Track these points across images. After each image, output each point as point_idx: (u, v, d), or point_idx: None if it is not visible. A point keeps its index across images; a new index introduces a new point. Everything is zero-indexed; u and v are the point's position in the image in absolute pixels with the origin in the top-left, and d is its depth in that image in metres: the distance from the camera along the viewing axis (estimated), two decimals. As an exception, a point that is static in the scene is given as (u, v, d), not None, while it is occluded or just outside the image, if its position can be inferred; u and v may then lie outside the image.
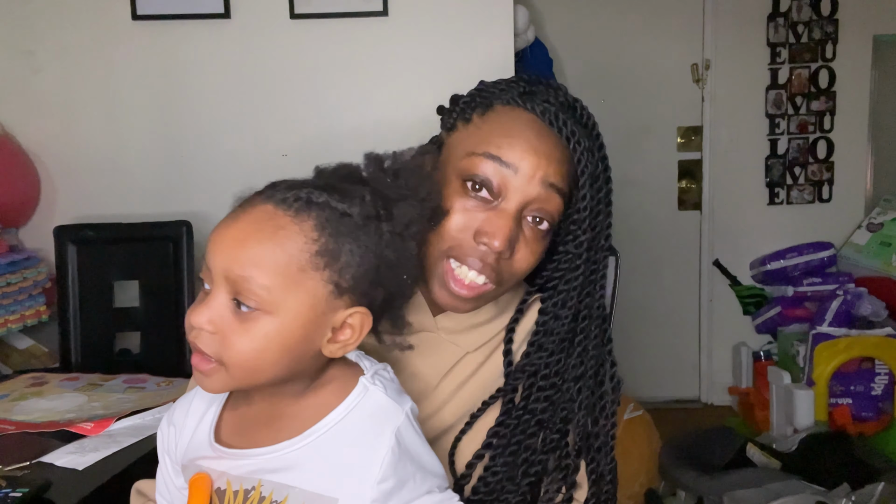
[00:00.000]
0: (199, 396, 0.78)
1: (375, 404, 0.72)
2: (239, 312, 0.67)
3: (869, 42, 3.35)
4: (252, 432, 0.73)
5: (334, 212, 0.70)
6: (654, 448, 2.44)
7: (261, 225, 0.68)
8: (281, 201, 0.69)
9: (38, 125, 2.07)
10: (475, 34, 2.07)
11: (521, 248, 0.85)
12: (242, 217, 0.69)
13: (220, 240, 0.69)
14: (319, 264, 0.69)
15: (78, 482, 1.08)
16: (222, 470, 0.72)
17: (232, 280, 0.67)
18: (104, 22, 2.05)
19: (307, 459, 0.70)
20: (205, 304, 0.68)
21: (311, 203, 0.69)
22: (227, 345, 0.68)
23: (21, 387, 1.52)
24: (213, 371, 0.69)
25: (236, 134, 2.11)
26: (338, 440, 0.70)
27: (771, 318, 3.28)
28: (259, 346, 0.68)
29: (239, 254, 0.67)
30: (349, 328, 0.72)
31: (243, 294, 0.67)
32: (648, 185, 3.48)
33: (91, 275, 1.85)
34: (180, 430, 0.78)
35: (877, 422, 2.80)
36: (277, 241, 0.67)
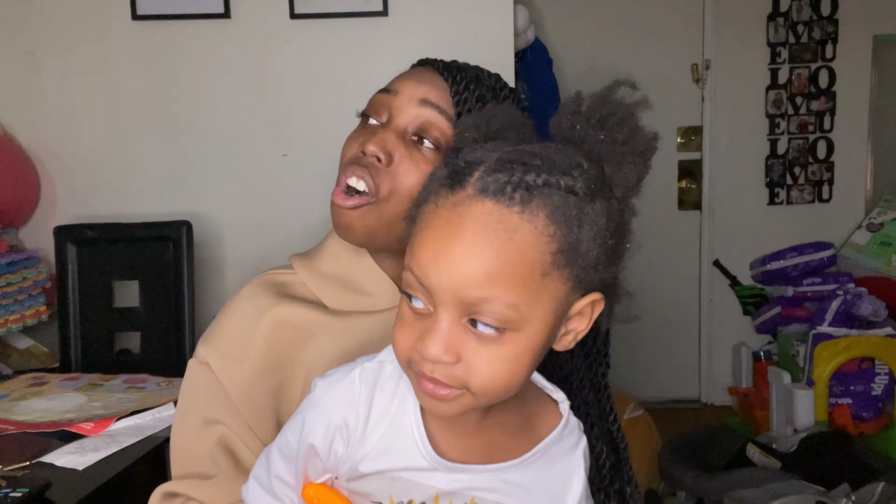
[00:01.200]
0: (375, 396, 0.66)
1: (574, 426, 0.70)
2: (479, 334, 0.58)
3: (869, 42, 3.35)
4: (462, 444, 0.66)
5: (560, 193, 0.58)
6: (654, 448, 2.44)
7: (491, 231, 0.56)
8: (498, 194, 0.56)
9: (38, 125, 2.07)
10: (475, 34, 2.07)
11: (403, 159, 0.85)
12: (461, 224, 0.57)
13: (444, 256, 0.57)
14: (561, 263, 0.58)
15: (78, 482, 1.08)
16: (432, 484, 0.64)
17: (468, 302, 0.56)
18: (104, 22, 2.05)
19: (525, 480, 0.65)
20: (435, 333, 0.57)
21: (532, 188, 0.57)
22: (474, 372, 0.58)
23: (21, 387, 1.52)
24: (455, 397, 0.59)
25: (236, 134, 2.11)
26: (549, 460, 0.67)
27: (771, 318, 3.28)
28: (511, 367, 0.59)
29: (474, 272, 0.56)
30: (580, 316, 0.63)
31: (484, 315, 0.57)
32: (648, 185, 3.44)
33: (91, 275, 1.85)
34: (359, 433, 0.65)
35: (877, 422, 2.80)
36: (515, 249, 0.56)
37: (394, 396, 0.66)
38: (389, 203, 0.85)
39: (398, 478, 0.64)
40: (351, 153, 0.87)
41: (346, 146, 0.89)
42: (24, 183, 2.02)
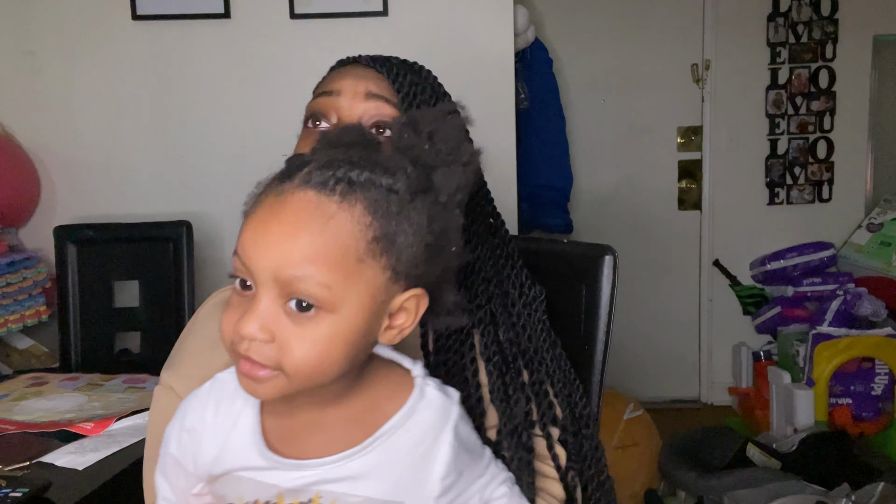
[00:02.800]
0: (222, 400, 0.70)
1: (432, 402, 0.70)
2: (294, 314, 0.61)
3: (869, 42, 3.35)
4: (302, 440, 0.67)
5: (381, 190, 0.63)
6: (654, 448, 2.44)
7: (308, 215, 0.61)
8: (321, 185, 0.62)
9: (38, 125, 2.07)
10: (475, 34, 2.07)
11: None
12: (282, 209, 0.62)
13: (263, 237, 0.62)
14: (377, 251, 0.62)
15: (78, 482, 1.08)
16: (273, 483, 0.66)
17: (284, 281, 0.60)
18: (104, 22, 2.06)
19: (371, 466, 0.66)
20: (252, 312, 0.61)
21: (353, 184, 0.62)
22: (286, 351, 0.61)
23: (21, 387, 1.52)
24: (269, 378, 0.62)
25: (236, 134, 2.11)
26: (401, 444, 0.67)
27: (771, 318, 3.28)
28: (323, 348, 0.62)
29: (290, 251, 0.60)
30: (404, 312, 0.67)
31: (300, 294, 0.61)
32: (648, 185, 3.48)
33: (91, 275, 1.85)
34: (201, 437, 0.69)
35: (877, 422, 2.79)
36: (330, 232, 0.61)
37: (236, 400, 0.69)
38: None
39: (242, 478, 0.66)
40: None
41: (301, 150, 0.89)
42: (24, 183, 2.02)
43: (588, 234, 3.25)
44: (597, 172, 3.40)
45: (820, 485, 2.10)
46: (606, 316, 1.10)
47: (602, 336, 1.10)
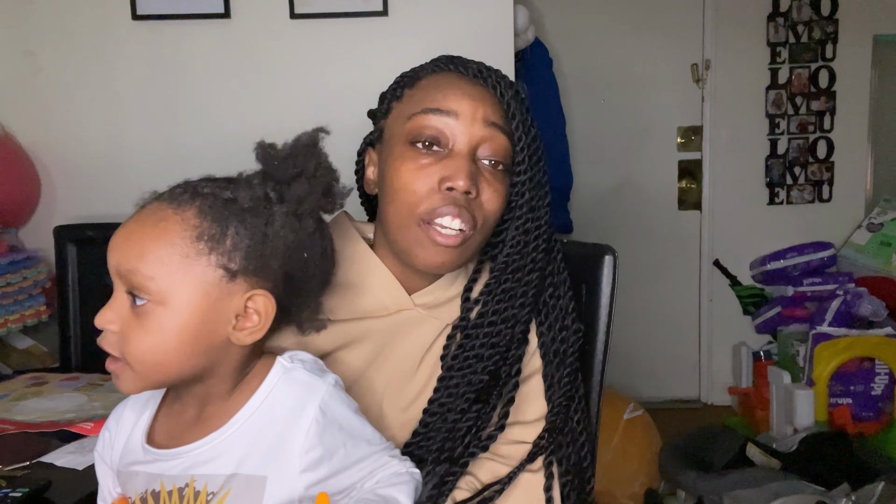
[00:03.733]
0: (132, 402, 0.79)
1: (296, 381, 0.74)
2: (136, 308, 0.69)
3: (869, 42, 3.35)
4: (184, 433, 0.74)
5: (217, 198, 0.72)
6: (654, 448, 2.44)
7: (146, 220, 0.71)
8: (168, 197, 0.72)
9: (38, 125, 2.07)
10: (475, 34, 2.07)
11: (485, 187, 0.87)
12: (134, 216, 0.73)
13: (113, 239, 0.72)
14: (203, 249, 0.69)
15: (78, 482, 1.08)
16: (157, 472, 0.72)
17: (123, 276, 0.70)
18: (104, 22, 2.05)
19: (235, 445, 0.71)
20: (108, 304, 0.70)
21: (196, 194, 0.72)
22: (126, 341, 0.69)
23: (21, 387, 1.52)
24: (121, 370, 0.71)
25: (236, 134, 2.11)
26: (262, 420, 0.72)
27: (771, 318, 3.28)
28: (156, 338, 0.69)
29: (126, 249, 0.70)
30: (255, 313, 0.72)
31: (135, 288, 0.69)
32: (648, 185, 3.48)
33: (91, 275, 1.85)
34: (114, 436, 0.78)
35: (877, 422, 2.80)
36: (158, 232, 0.70)
37: (146, 404, 0.78)
38: (481, 231, 0.89)
39: (137, 472, 0.74)
40: (428, 188, 0.85)
41: (414, 179, 0.85)
42: (24, 183, 2.02)
43: (588, 234, 3.25)
44: (597, 172, 3.40)
45: (820, 485, 2.10)
46: (606, 316, 1.10)
47: (602, 336, 1.11)
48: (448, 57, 0.95)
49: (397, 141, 0.89)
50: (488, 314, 0.91)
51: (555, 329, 0.95)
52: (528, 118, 0.92)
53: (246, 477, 0.70)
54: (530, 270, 0.92)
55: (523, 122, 0.90)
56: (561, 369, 0.94)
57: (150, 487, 0.72)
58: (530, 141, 0.91)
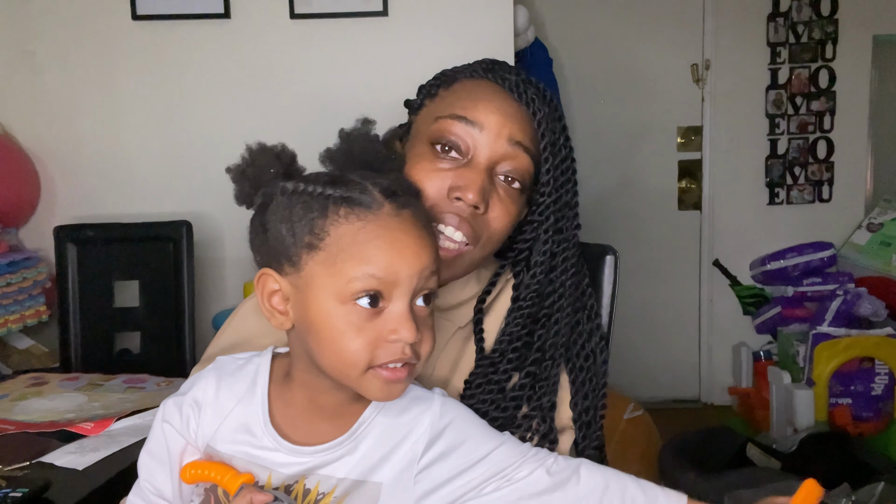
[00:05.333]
0: (222, 379, 0.75)
1: (408, 394, 0.74)
2: (422, 310, 0.70)
3: (869, 42, 3.35)
4: (299, 427, 0.73)
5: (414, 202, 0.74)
6: (654, 448, 2.44)
7: (412, 232, 0.70)
8: (405, 205, 0.71)
9: (39, 125, 2.07)
10: (475, 34, 2.07)
11: (496, 204, 0.86)
12: (404, 225, 0.70)
13: (405, 250, 0.69)
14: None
15: (78, 482, 1.08)
16: (276, 461, 0.72)
17: (423, 280, 0.69)
18: (104, 22, 2.06)
19: (354, 451, 0.72)
20: (405, 318, 0.68)
21: (407, 204, 0.72)
22: (425, 343, 0.71)
23: (21, 387, 1.52)
24: (410, 374, 0.70)
25: (236, 134, 2.10)
26: (377, 429, 0.73)
27: (771, 318, 3.27)
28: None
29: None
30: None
31: (430, 291, 0.71)
32: (648, 185, 3.48)
33: (91, 275, 1.85)
34: (204, 411, 0.74)
35: (877, 422, 2.79)
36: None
37: (237, 380, 0.75)
38: (483, 247, 0.87)
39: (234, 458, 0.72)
40: (436, 192, 0.84)
41: (425, 180, 0.85)
42: (24, 183, 2.02)
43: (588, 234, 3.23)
44: (597, 172, 3.40)
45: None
46: (607, 316, 1.10)
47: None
48: (491, 62, 0.93)
49: (421, 139, 0.89)
50: (513, 339, 0.89)
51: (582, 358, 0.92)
52: (560, 138, 0.90)
53: (360, 483, 0.71)
54: (561, 295, 0.90)
55: (553, 143, 0.89)
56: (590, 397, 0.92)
57: (259, 480, 0.71)
58: (559, 162, 0.89)
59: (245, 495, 0.68)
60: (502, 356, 0.89)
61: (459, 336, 0.94)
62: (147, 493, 0.77)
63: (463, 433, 0.74)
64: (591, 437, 0.92)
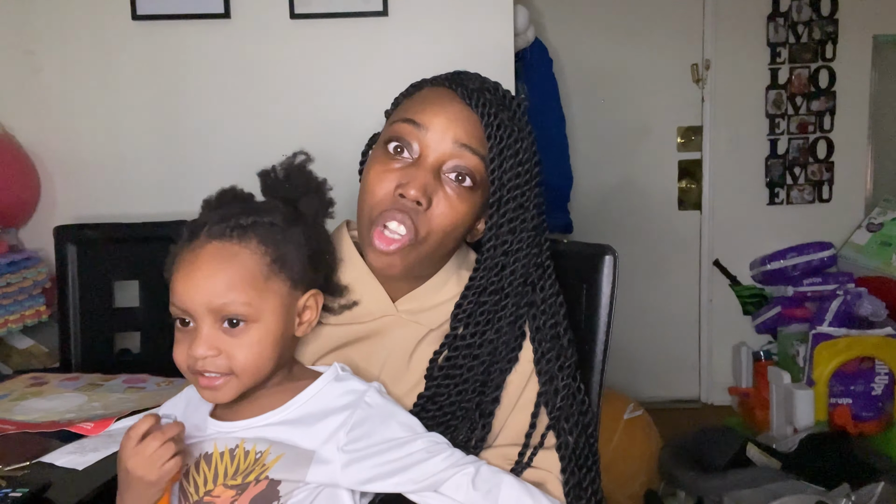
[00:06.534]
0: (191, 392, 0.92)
1: (346, 382, 0.88)
2: (229, 330, 0.82)
3: (869, 42, 3.35)
4: (240, 410, 0.87)
5: (265, 225, 0.85)
6: (654, 448, 2.44)
7: (218, 258, 0.82)
8: (220, 235, 0.83)
9: (38, 125, 2.07)
10: (475, 34, 2.07)
11: (440, 201, 0.90)
12: (197, 260, 0.82)
13: (191, 282, 0.82)
14: (276, 269, 0.84)
15: (78, 482, 1.08)
16: (213, 438, 0.86)
17: (215, 309, 0.81)
18: (104, 22, 2.05)
19: (286, 424, 0.85)
20: (199, 338, 0.81)
21: (244, 227, 0.83)
22: (232, 357, 0.82)
23: (21, 387, 1.52)
24: (225, 383, 0.83)
25: (236, 134, 2.11)
26: (312, 409, 0.85)
27: (771, 318, 3.27)
28: (256, 350, 0.83)
29: (213, 287, 0.81)
30: (309, 309, 0.88)
31: (230, 314, 0.81)
32: (648, 185, 3.48)
33: (91, 275, 1.85)
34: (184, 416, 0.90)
35: (877, 422, 2.79)
36: (238, 264, 0.82)
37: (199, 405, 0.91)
38: (426, 243, 0.91)
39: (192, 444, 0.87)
40: (385, 192, 0.91)
41: (376, 181, 0.91)
42: (24, 183, 2.02)
43: (588, 234, 3.25)
44: (597, 172, 3.40)
45: (820, 485, 2.10)
46: (607, 316, 1.10)
47: (602, 336, 1.11)
48: (458, 72, 1.00)
49: (379, 143, 0.95)
50: (467, 336, 0.94)
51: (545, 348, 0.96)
52: (517, 142, 0.92)
53: (295, 448, 0.83)
54: (507, 294, 0.94)
55: (506, 147, 0.91)
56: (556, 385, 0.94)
57: (203, 451, 0.86)
58: (511, 165, 0.92)
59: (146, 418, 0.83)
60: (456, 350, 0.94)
61: (433, 337, 0.97)
62: None
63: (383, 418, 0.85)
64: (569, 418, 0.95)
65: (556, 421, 0.93)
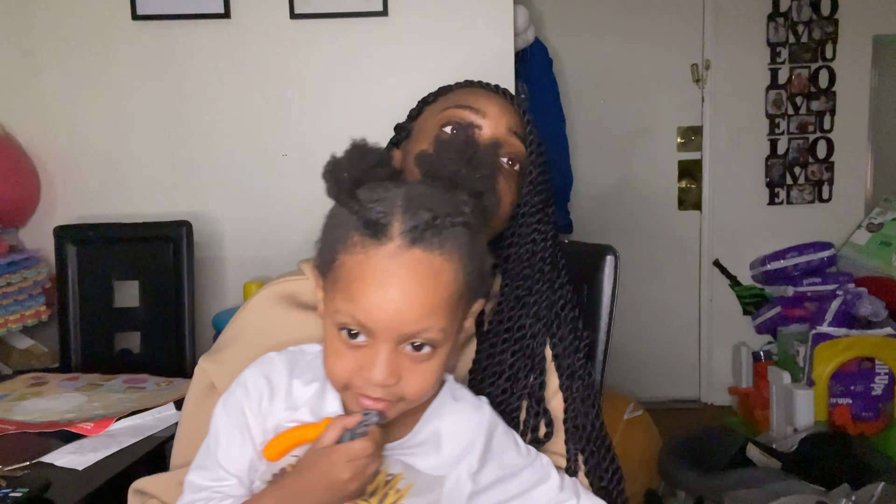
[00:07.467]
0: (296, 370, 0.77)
1: (463, 398, 0.80)
2: (412, 356, 0.70)
3: (869, 42, 3.35)
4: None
5: (463, 231, 0.71)
6: (654, 448, 2.44)
7: (420, 275, 0.68)
8: (421, 240, 0.68)
9: (39, 125, 2.07)
10: (475, 34, 2.07)
11: (500, 179, 0.91)
12: (397, 272, 0.67)
13: (386, 299, 0.67)
14: (471, 285, 0.72)
15: (78, 482, 1.08)
16: None
17: (406, 335, 0.68)
18: (104, 22, 2.06)
19: (414, 447, 0.77)
20: (378, 362, 0.68)
21: (442, 230, 0.69)
22: (409, 386, 0.70)
23: (21, 387, 1.52)
24: (389, 407, 0.71)
25: (236, 134, 2.11)
26: (437, 426, 0.77)
27: (771, 318, 3.27)
28: (433, 377, 0.72)
29: (412, 311, 0.68)
30: (471, 316, 0.77)
31: (421, 340, 0.69)
32: (648, 185, 3.48)
33: (91, 275, 1.85)
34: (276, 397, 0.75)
35: (877, 422, 2.79)
36: (441, 285, 0.69)
37: (312, 382, 0.76)
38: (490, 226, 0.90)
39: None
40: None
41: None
42: (24, 183, 2.02)
43: (588, 234, 3.25)
44: (597, 172, 3.40)
45: (820, 485, 2.10)
46: (607, 316, 1.10)
47: (603, 336, 1.11)
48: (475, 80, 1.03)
49: (427, 130, 0.95)
50: (504, 321, 0.93)
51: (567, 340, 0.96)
52: (538, 135, 0.98)
53: (423, 474, 0.76)
54: (539, 280, 0.95)
55: (536, 136, 0.96)
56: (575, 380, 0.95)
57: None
58: (541, 153, 0.97)
59: (336, 423, 0.71)
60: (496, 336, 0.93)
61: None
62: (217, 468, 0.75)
63: (506, 442, 0.81)
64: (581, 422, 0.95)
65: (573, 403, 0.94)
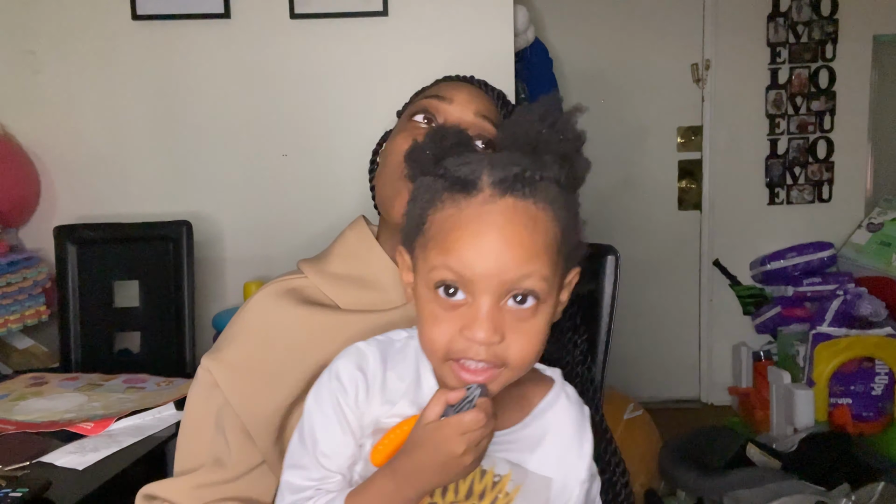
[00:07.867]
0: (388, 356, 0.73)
1: (572, 397, 0.76)
2: (514, 311, 0.65)
3: (869, 42, 3.35)
4: None
5: (552, 185, 0.68)
6: (654, 448, 2.44)
7: (518, 221, 0.65)
8: (513, 190, 0.65)
9: (38, 125, 2.07)
10: (475, 34, 2.07)
11: None
12: (493, 218, 0.65)
13: (485, 246, 0.64)
14: (563, 242, 0.68)
15: (78, 482, 1.08)
16: None
17: (509, 282, 0.64)
18: (104, 22, 2.06)
19: (521, 441, 0.72)
20: (479, 317, 0.64)
21: (534, 182, 0.66)
22: (512, 347, 0.65)
23: (21, 387, 1.52)
24: (493, 377, 0.66)
25: (236, 134, 2.11)
26: (548, 426, 0.73)
27: (771, 318, 3.27)
28: (540, 338, 0.67)
29: (512, 256, 0.64)
30: (567, 288, 0.72)
31: (524, 290, 0.65)
32: (648, 185, 3.48)
33: (91, 275, 1.85)
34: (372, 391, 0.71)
35: (877, 422, 2.79)
36: (540, 231, 0.66)
37: (406, 372, 0.72)
38: None
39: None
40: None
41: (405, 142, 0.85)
42: (24, 183, 2.02)
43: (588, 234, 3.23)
44: (597, 172, 3.35)
45: (820, 485, 2.10)
46: (608, 316, 1.10)
47: (603, 336, 1.11)
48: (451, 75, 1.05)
49: (404, 120, 0.97)
50: None
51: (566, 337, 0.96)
52: None
53: (531, 473, 0.71)
54: None
55: None
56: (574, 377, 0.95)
57: None
58: None
59: (438, 397, 0.66)
60: None
61: None
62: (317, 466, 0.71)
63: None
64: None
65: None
